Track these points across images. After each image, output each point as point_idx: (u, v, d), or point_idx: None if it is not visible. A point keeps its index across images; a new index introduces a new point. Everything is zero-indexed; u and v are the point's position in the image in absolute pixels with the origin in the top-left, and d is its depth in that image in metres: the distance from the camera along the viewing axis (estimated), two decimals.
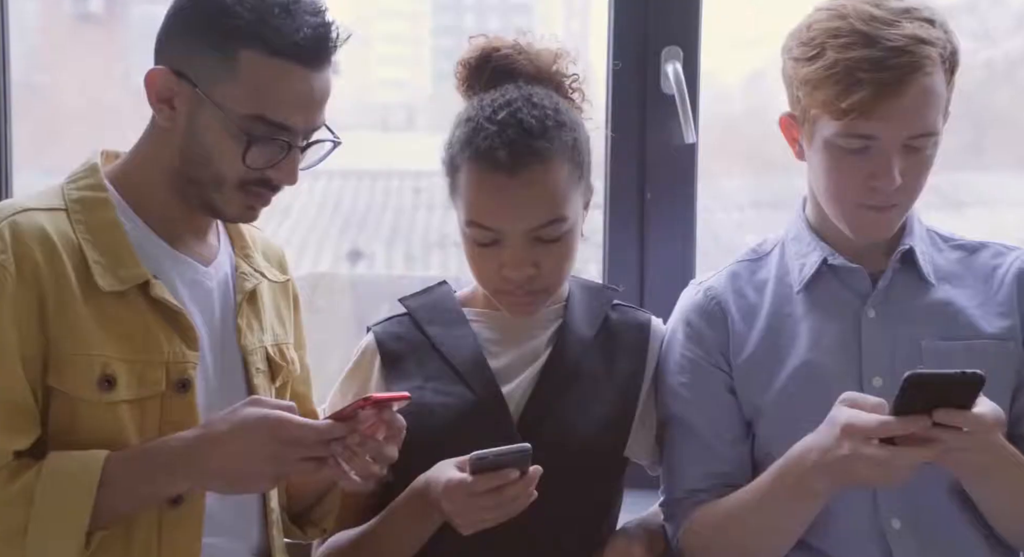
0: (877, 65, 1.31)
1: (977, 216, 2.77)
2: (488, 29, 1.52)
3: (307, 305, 1.56)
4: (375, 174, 3.06)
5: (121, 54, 2.47)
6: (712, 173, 2.71)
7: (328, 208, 2.76)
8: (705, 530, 1.43)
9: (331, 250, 2.82)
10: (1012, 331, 1.41)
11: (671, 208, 1.99)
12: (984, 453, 1.24)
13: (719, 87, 2.55)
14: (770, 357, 1.44)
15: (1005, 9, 2.52)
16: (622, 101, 1.97)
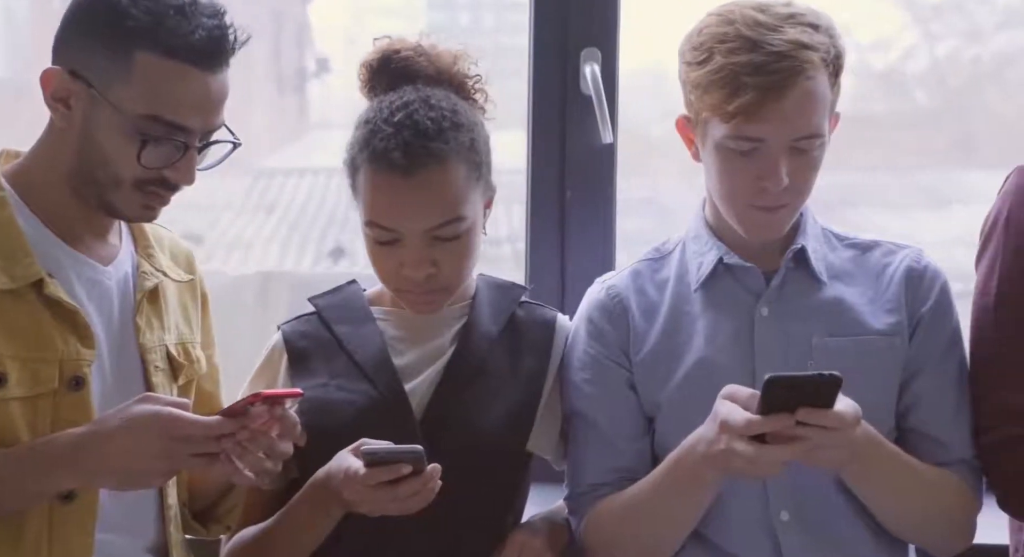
0: (760, 69, 1.35)
1: (966, 213, 2.81)
2: (482, 27, 1.53)
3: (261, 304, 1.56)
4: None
5: None
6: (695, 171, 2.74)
7: (312, 206, 2.76)
8: (606, 523, 1.47)
9: (313, 248, 2.83)
10: (898, 327, 1.45)
11: (591, 208, 2.02)
12: (846, 450, 1.28)
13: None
14: (668, 354, 1.48)
15: (992, 7, 2.56)
16: (542, 102, 2.00)
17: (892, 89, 2.56)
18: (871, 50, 2.54)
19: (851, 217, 2.66)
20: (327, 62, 2.74)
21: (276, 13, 2.77)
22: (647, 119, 2.56)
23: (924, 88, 2.58)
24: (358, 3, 2.08)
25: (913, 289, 1.47)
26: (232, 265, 2.34)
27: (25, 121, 1.43)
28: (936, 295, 1.47)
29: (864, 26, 2.43)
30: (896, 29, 2.47)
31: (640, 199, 2.46)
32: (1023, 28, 2.57)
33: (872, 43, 2.53)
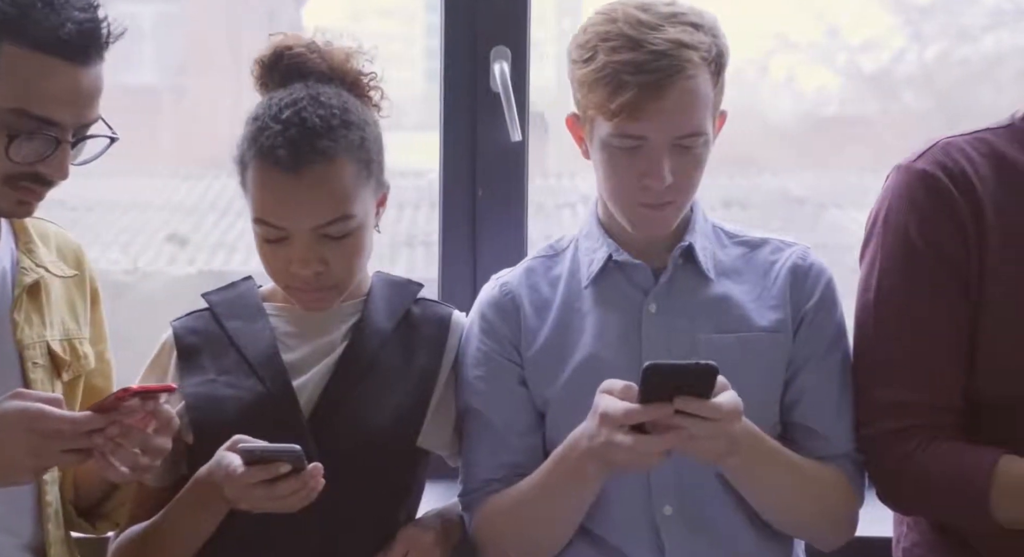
0: (641, 68, 1.36)
1: None
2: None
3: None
4: None
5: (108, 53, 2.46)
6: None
7: None
8: (496, 518, 1.48)
9: None
10: (783, 324, 1.47)
11: (502, 206, 2.03)
12: (724, 442, 1.30)
13: None
14: (559, 350, 1.49)
15: (981, 8, 2.59)
16: (453, 101, 2.01)
17: (882, 90, 2.60)
18: (861, 51, 2.57)
19: (839, 218, 2.68)
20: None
21: (270, 14, 2.76)
22: None
23: (913, 89, 2.61)
24: (355, 4, 2.07)
25: (798, 286, 1.49)
26: (215, 267, 2.33)
27: None
28: (820, 292, 1.49)
29: (854, 28, 2.46)
30: (886, 31, 2.49)
31: None
32: (1012, 29, 2.61)
33: (862, 44, 2.56)
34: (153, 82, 2.95)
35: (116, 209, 3.20)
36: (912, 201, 1.45)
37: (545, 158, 3.13)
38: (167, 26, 2.88)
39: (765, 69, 2.71)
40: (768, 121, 2.65)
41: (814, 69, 2.65)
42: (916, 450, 1.42)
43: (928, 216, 1.44)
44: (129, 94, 1.55)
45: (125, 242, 3.16)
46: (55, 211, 1.48)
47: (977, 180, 1.44)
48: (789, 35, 2.53)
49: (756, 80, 2.66)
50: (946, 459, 1.40)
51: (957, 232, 1.43)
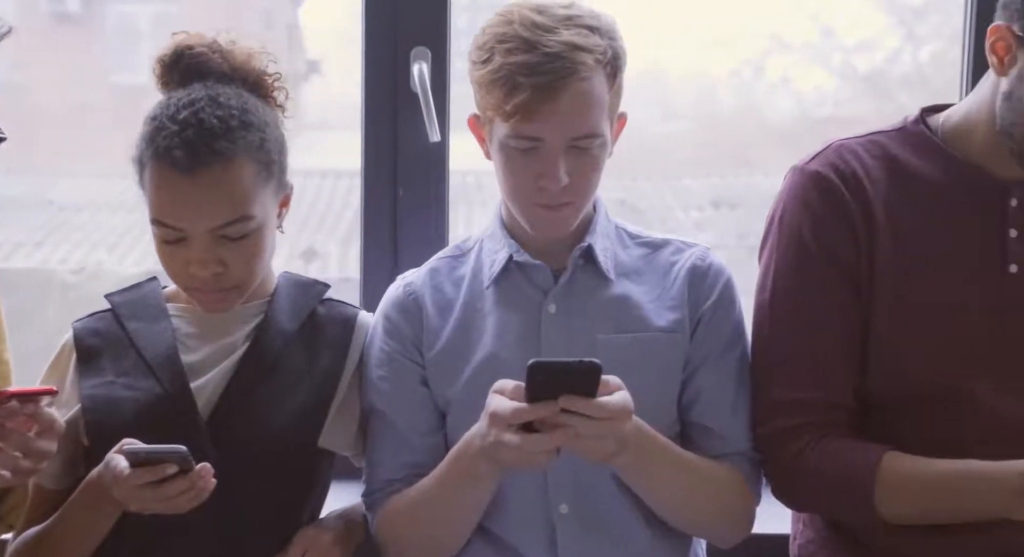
0: (534, 70, 1.37)
1: None
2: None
3: None
4: (339, 173, 3.02)
5: (98, 53, 2.43)
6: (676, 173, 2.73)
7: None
8: (396, 518, 1.49)
9: (286, 249, 2.81)
10: (680, 324, 1.49)
11: (423, 206, 2.03)
12: (612, 440, 1.31)
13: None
14: (460, 350, 1.50)
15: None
16: (374, 101, 2.01)
17: (876, 91, 2.62)
18: (855, 52, 2.59)
19: None
20: (317, 64, 2.74)
21: (266, 14, 2.75)
22: (646, 120, 2.59)
23: (908, 90, 2.63)
24: (353, 4, 2.07)
25: (696, 287, 1.50)
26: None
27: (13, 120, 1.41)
28: (719, 292, 1.51)
29: (848, 28, 2.48)
30: (880, 31, 2.51)
31: (614, 200, 2.49)
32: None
33: (856, 45, 2.58)
34: (149, 82, 2.95)
35: (105, 209, 3.20)
36: (805, 202, 1.47)
37: None
38: (164, 27, 2.87)
39: (761, 70, 2.74)
40: (763, 121, 2.68)
41: (809, 70, 2.67)
42: (807, 448, 1.44)
43: (820, 217, 1.46)
44: (126, 94, 1.55)
45: (112, 243, 3.16)
46: (45, 211, 1.47)
47: (868, 182, 1.46)
48: (784, 36, 2.55)
49: (751, 81, 2.68)
50: (834, 456, 1.43)
51: (848, 233, 1.45)
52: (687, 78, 2.77)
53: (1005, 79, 1.39)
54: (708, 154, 1.42)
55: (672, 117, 2.84)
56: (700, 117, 2.76)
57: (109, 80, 1.41)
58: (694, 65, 2.56)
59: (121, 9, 1.86)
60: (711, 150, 1.42)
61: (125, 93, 1.66)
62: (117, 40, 2.74)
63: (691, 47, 2.50)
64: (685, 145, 2.39)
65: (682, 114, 2.79)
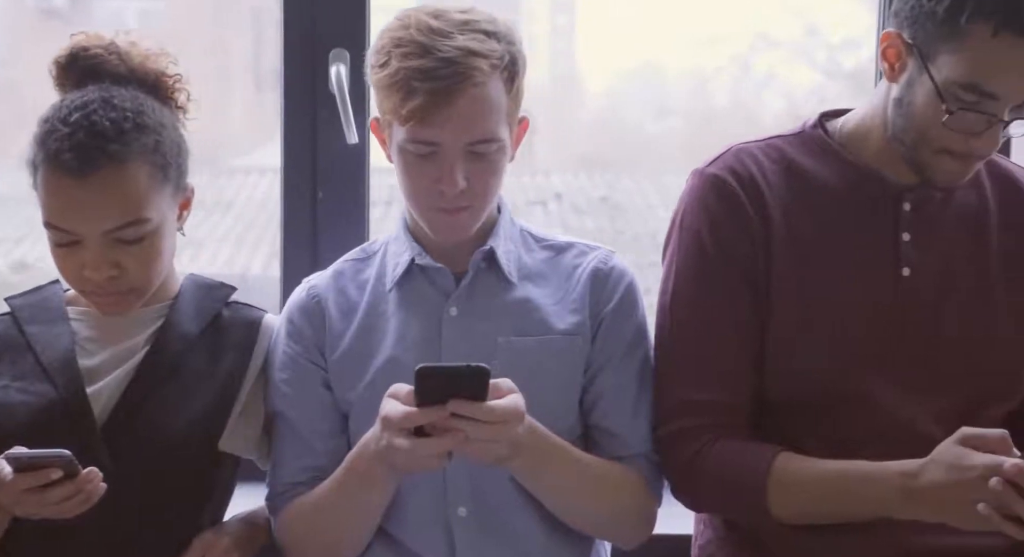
0: (429, 75, 1.38)
1: None
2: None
3: None
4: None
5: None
6: (659, 170, 2.72)
7: (270, 205, 2.69)
8: (296, 521, 1.48)
9: (267, 248, 2.77)
10: (581, 327, 1.49)
11: (343, 208, 2.03)
12: (504, 444, 1.31)
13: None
14: (362, 353, 1.50)
15: None
16: (293, 103, 2.00)
17: (862, 88, 2.63)
18: (841, 50, 2.61)
19: None
20: None
21: (255, 11, 2.74)
22: (641, 117, 2.58)
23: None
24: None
25: (598, 290, 1.51)
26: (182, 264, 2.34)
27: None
28: (620, 295, 1.51)
29: (833, 26, 2.49)
30: (865, 29, 2.54)
31: (595, 198, 2.48)
32: None
33: (841, 42, 2.61)
34: None
35: None
36: (704, 206, 1.49)
37: (532, 156, 3.12)
38: (151, 22, 2.85)
39: (746, 67, 2.75)
40: (748, 118, 2.69)
41: (795, 67, 2.70)
42: (704, 448, 1.45)
43: (718, 220, 1.47)
44: None
45: None
46: (28, 207, 1.46)
47: (766, 185, 1.47)
48: (770, 33, 2.57)
49: (737, 78, 2.69)
50: (730, 457, 1.44)
51: (745, 235, 1.46)
52: (679, 76, 2.79)
53: (896, 85, 1.41)
54: (693, 151, 1.44)
55: (665, 114, 2.84)
56: (691, 114, 2.78)
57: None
58: (686, 63, 2.58)
59: (108, 4, 1.84)
60: (695, 146, 1.43)
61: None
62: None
63: (682, 45, 2.52)
64: (676, 142, 2.41)
65: (675, 111, 2.80)
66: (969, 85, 1.33)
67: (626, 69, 2.61)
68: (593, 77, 3.37)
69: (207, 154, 1.37)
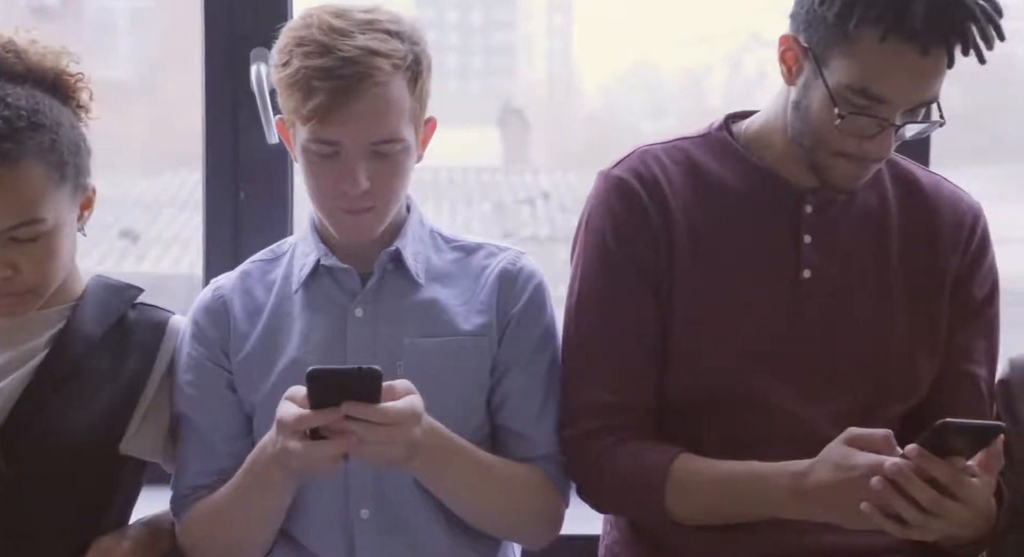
0: (329, 74, 1.37)
1: None
2: (470, 24, 1.50)
3: None
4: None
5: (75, 47, 2.39)
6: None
7: None
8: (197, 524, 1.48)
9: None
10: (487, 328, 1.49)
11: (266, 208, 2.02)
12: (401, 445, 1.31)
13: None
14: (266, 355, 1.49)
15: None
16: (215, 102, 1.99)
17: None
18: None
19: None
20: None
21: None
22: (637, 115, 2.57)
23: None
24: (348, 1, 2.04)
25: (505, 291, 1.51)
26: (167, 263, 2.31)
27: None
28: (528, 296, 1.51)
29: None
30: None
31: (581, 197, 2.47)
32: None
33: None
34: (126, 77, 2.90)
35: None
36: (608, 207, 1.49)
37: (528, 155, 3.11)
38: (142, 21, 2.82)
39: (738, 66, 2.76)
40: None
41: None
42: (607, 449, 1.46)
43: (621, 222, 1.48)
44: (102, 89, 1.54)
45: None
46: None
47: (669, 187, 1.48)
48: (762, 33, 2.58)
49: (729, 77, 2.69)
50: (631, 457, 1.44)
51: (648, 237, 1.47)
52: (673, 75, 2.79)
53: (794, 88, 1.42)
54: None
55: (659, 114, 2.85)
56: (685, 113, 2.79)
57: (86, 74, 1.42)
58: (680, 62, 2.59)
59: (99, 3, 1.82)
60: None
61: (101, 88, 1.66)
62: (95, 34, 2.70)
63: (676, 45, 2.53)
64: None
65: (669, 110, 2.81)
66: (860, 89, 1.34)
67: (621, 68, 2.61)
68: (589, 76, 3.38)
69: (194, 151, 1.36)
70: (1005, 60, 2.85)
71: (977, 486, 1.26)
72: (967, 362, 1.49)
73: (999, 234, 1.55)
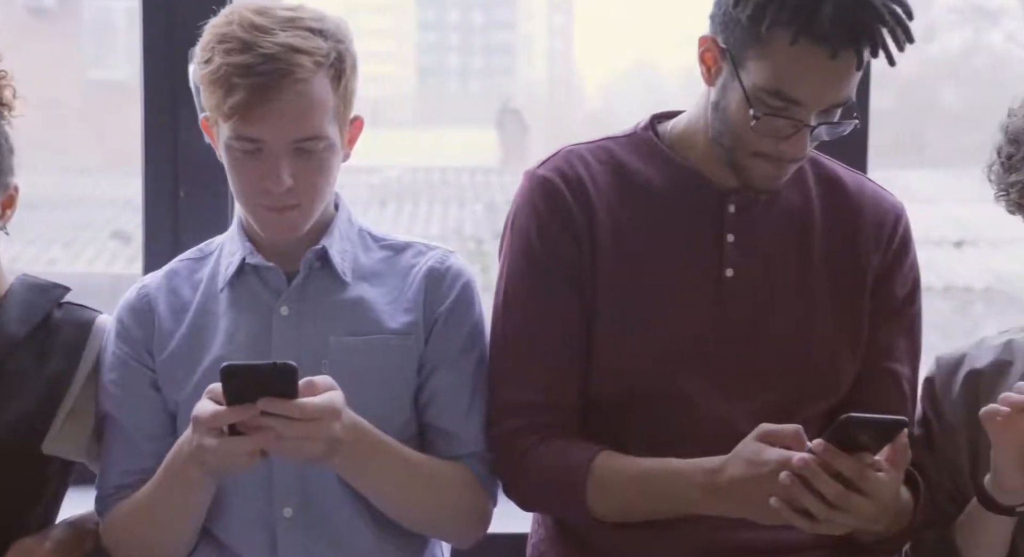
0: (249, 71, 1.37)
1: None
2: (472, 23, 1.49)
3: None
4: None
5: (74, 48, 2.36)
6: None
7: None
8: (118, 523, 1.47)
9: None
10: (414, 327, 1.49)
11: (206, 207, 2.02)
12: (321, 441, 1.31)
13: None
14: (191, 354, 1.49)
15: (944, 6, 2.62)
16: (153, 101, 1.99)
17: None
18: None
19: None
20: None
21: None
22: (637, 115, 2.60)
23: (877, 87, 2.66)
24: (348, 1, 2.01)
25: (433, 289, 1.51)
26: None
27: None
28: (456, 295, 1.51)
29: None
30: None
31: None
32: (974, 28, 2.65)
33: None
34: (125, 77, 2.90)
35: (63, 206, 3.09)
36: (533, 207, 1.49)
37: (527, 155, 3.10)
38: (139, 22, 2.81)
39: None
40: None
41: None
42: (531, 447, 1.46)
43: (545, 221, 1.48)
44: (99, 90, 1.52)
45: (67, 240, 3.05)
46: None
47: (593, 186, 1.49)
48: None
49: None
50: (554, 456, 1.45)
51: (572, 237, 1.47)
52: (673, 75, 2.79)
53: (713, 89, 1.43)
54: None
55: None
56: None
57: (84, 76, 1.40)
58: (680, 62, 2.59)
59: (97, 4, 1.81)
60: None
61: (98, 89, 1.64)
62: (93, 35, 2.68)
63: (676, 44, 2.53)
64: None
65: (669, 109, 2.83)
66: (773, 91, 1.35)
67: (622, 68, 2.61)
68: (589, 76, 3.38)
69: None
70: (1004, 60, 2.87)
71: (883, 480, 1.27)
72: (888, 360, 1.50)
73: (1000, 235, 1.54)
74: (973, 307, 3.90)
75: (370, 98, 2.97)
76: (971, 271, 3.89)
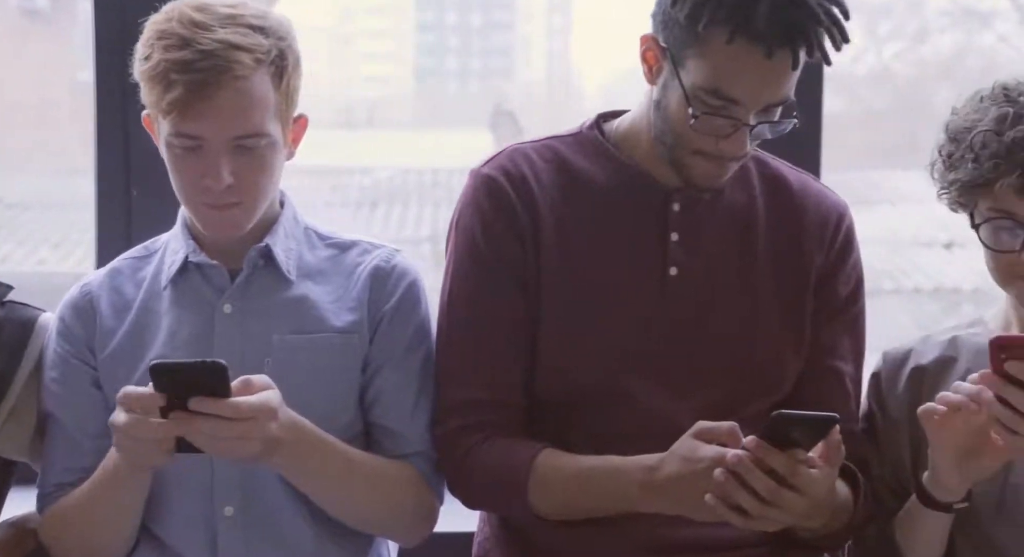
0: (187, 67, 1.37)
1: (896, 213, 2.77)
2: (470, 24, 1.48)
3: None
4: (325, 171, 2.88)
5: (67, 50, 2.34)
6: None
7: None
8: (58, 522, 1.46)
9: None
10: (358, 325, 1.49)
11: (158, 205, 2.00)
12: (254, 441, 1.30)
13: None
14: (133, 352, 1.48)
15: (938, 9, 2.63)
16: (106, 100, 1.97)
17: (843, 89, 2.65)
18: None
19: None
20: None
21: None
22: None
23: (873, 88, 2.66)
24: (346, 2, 1.99)
25: (378, 288, 1.50)
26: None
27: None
28: (401, 294, 1.50)
29: None
30: (850, 29, 2.55)
31: None
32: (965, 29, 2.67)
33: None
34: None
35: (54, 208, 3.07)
36: (477, 205, 1.49)
37: None
38: None
39: None
40: None
41: None
42: (475, 446, 1.46)
43: (489, 220, 1.48)
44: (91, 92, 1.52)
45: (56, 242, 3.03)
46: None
47: (537, 185, 1.48)
48: None
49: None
50: (497, 454, 1.45)
51: (516, 235, 1.47)
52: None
53: (655, 88, 1.43)
54: None
55: None
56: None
57: (76, 78, 1.38)
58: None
59: (91, 6, 1.81)
60: None
61: (91, 91, 1.65)
62: (86, 37, 2.67)
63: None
64: None
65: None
66: (711, 90, 1.36)
67: (621, 69, 2.62)
68: (588, 77, 3.38)
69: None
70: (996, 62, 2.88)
71: (816, 477, 1.27)
72: (832, 358, 1.50)
73: None
74: (962, 308, 3.91)
75: (368, 99, 2.96)
76: (960, 272, 3.90)
